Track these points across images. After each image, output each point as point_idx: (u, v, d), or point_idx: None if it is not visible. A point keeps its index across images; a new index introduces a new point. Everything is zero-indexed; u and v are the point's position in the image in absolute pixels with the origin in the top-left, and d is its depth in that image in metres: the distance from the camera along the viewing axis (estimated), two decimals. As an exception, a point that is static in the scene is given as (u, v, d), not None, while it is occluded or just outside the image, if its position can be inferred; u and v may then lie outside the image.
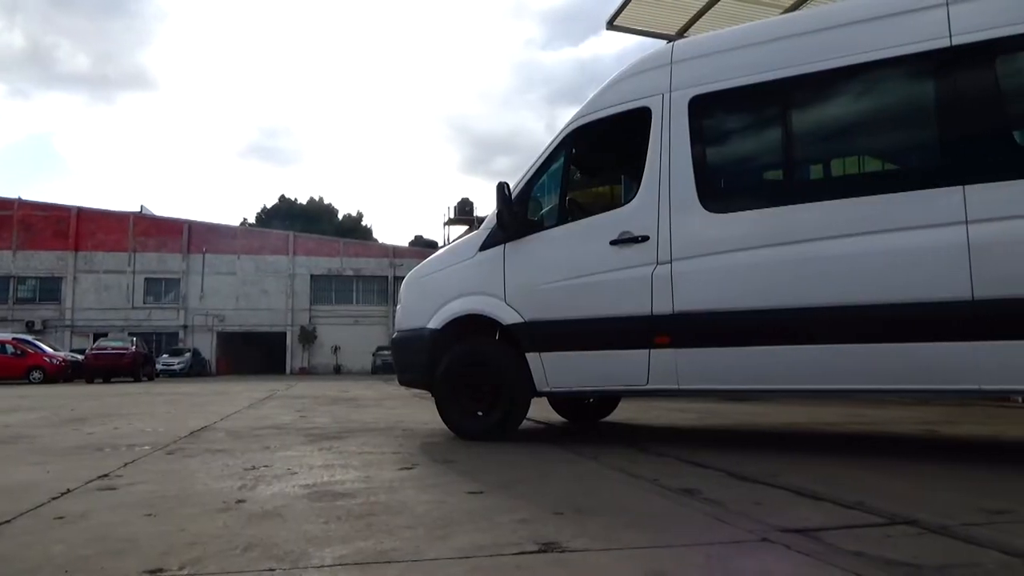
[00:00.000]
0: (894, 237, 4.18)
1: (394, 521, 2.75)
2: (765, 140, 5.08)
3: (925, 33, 4.29)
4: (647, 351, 4.81)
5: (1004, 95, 4.10)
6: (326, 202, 74.97)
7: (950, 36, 4.20)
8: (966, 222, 3.98)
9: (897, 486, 3.41)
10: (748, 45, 4.90)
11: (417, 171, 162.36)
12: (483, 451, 4.79)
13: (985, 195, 3.97)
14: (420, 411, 8.65)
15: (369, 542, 2.45)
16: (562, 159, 5.41)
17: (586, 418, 6.98)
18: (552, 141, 5.48)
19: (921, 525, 2.62)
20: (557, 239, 5.29)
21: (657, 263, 4.81)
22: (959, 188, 4.03)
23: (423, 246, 58.35)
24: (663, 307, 4.75)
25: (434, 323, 5.63)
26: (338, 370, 46.98)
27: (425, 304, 5.77)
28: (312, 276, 49.89)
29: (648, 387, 4.87)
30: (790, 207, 4.54)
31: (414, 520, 2.76)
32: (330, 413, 8.72)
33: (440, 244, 51.09)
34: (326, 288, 50.40)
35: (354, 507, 3.03)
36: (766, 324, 4.47)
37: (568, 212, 5.39)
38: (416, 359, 5.77)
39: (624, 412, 7.71)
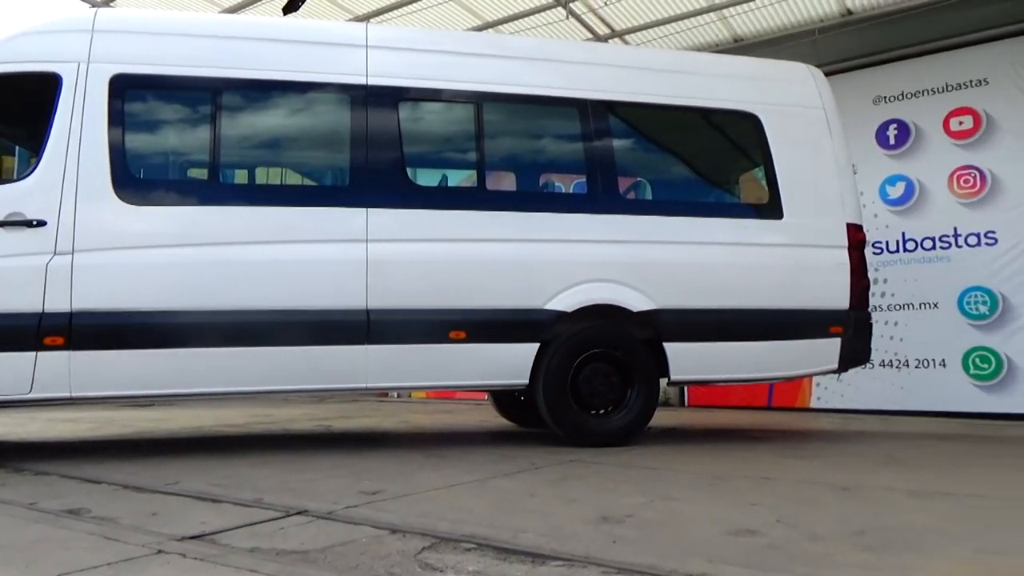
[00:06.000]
0: (308, 248, 4.52)
1: None
2: (192, 136, 4.92)
3: (348, 68, 4.80)
4: (33, 354, 4.13)
5: (403, 135, 4.85)
6: None
7: (367, 75, 4.78)
8: (367, 241, 4.57)
9: (294, 480, 3.65)
10: (184, 35, 4.71)
11: None
12: None
13: (382, 219, 4.63)
14: None
15: None
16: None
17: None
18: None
19: (311, 514, 2.85)
20: (-89, 211, 4.16)
21: (55, 253, 4.19)
22: (364, 211, 4.60)
23: None
24: (58, 304, 4.16)
25: None
26: None
27: None
28: None
29: (32, 396, 4.18)
30: (213, 208, 4.52)
31: None
32: None
33: None
34: None
35: None
36: (181, 326, 4.31)
37: (-67, 178, 4.29)
38: None
39: (-2, 426, 6.47)
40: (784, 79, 5.66)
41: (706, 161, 5.88)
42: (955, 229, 7.45)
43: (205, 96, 4.71)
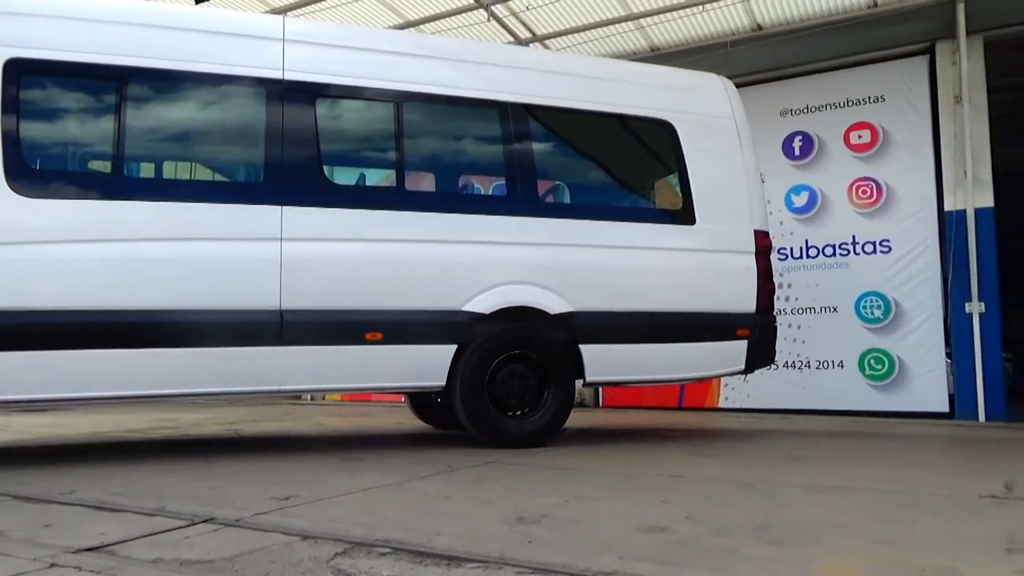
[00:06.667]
0: (219, 246, 4.37)
1: None
2: (95, 127, 4.67)
3: (263, 61, 4.66)
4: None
5: (320, 133, 4.75)
6: None
7: (283, 70, 4.66)
8: (281, 239, 4.45)
9: (199, 487, 3.52)
10: (89, 19, 4.46)
11: None
12: None
13: (297, 218, 4.52)
14: None
15: None
16: None
17: None
18: None
19: (219, 521, 2.75)
20: None
21: (-62, 247, 3.91)
22: (278, 208, 4.48)
23: None
24: (-58, 302, 3.88)
25: None
26: None
27: None
28: None
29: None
30: (116, 203, 4.32)
31: None
32: None
33: None
34: None
35: None
36: (80, 326, 4.09)
37: None
38: None
39: None
40: (698, 89, 5.84)
41: (622, 166, 6.01)
42: (853, 237, 7.86)
43: (110, 85, 4.48)
